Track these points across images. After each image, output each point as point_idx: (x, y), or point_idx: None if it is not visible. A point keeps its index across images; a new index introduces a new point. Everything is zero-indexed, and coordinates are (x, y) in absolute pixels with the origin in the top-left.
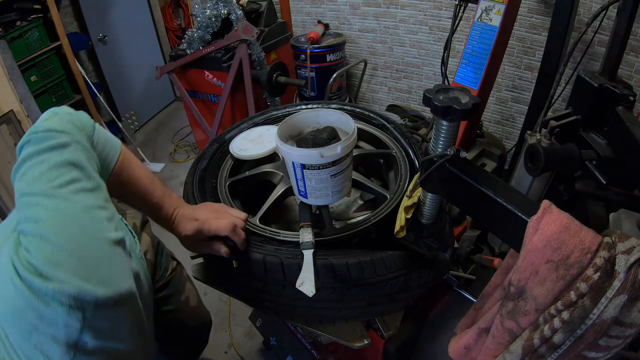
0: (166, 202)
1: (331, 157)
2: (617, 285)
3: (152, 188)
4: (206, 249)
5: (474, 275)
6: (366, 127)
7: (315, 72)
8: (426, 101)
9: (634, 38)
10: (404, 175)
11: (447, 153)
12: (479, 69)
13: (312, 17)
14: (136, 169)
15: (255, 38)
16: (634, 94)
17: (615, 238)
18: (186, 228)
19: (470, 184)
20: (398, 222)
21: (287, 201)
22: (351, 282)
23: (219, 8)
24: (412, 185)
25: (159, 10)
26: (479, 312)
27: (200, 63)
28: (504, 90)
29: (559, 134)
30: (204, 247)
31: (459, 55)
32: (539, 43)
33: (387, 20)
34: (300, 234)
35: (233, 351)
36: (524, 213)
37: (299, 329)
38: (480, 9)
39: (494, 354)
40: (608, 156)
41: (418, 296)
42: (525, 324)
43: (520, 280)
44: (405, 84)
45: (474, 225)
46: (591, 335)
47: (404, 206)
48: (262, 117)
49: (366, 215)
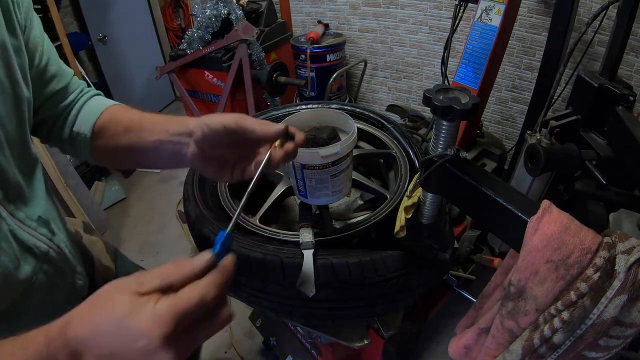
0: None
1: (331, 157)
2: (617, 285)
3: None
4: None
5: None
6: (366, 127)
7: (315, 72)
8: (426, 101)
9: (634, 38)
10: (404, 175)
11: (447, 153)
12: (479, 69)
13: (312, 17)
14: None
15: (255, 38)
16: (634, 94)
17: (615, 238)
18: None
19: (470, 184)
20: (398, 222)
21: (287, 201)
22: (351, 282)
23: (219, 8)
24: (412, 185)
25: (159, 10)
26: (479, 312)
27: (200, 63)
28: (504, 90)
29: (559, 134)
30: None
31: (459, 55)
32: (539, 43)
33: (387, 20)
34: (300, 234)
35: (233, 351)
36: (524, 213)
37: (299, 329)
38: (480, 9)
39: (494, 354)
40: (608, 156)
41: (418, 296)
42: (525, 324)
43: (520, 280)
44: (405, 84)
45: (474, 225)
46: (591, 335)
47: (404, 206)
48: (262, 117)
49: (366, 215)
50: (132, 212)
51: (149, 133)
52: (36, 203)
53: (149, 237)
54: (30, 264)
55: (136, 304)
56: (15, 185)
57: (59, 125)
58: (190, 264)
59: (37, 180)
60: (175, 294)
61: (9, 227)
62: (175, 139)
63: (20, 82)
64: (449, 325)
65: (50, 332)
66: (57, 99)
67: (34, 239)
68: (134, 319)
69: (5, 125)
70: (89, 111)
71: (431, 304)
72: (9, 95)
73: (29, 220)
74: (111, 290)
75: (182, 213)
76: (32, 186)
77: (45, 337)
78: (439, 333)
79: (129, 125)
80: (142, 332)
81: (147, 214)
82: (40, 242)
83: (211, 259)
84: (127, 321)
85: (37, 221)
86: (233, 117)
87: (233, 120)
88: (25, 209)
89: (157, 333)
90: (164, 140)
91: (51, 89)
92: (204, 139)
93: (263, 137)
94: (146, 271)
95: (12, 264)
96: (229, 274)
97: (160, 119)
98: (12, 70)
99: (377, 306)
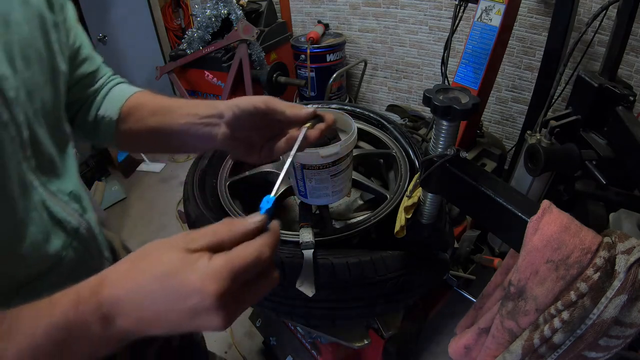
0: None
1: (331, 157)
2: (617, 285)
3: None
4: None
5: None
6: (366, 127)
7: (315, 72)
8: (426, 101)
9: (634, 38)
10: (404, 175)
11: (447, 153)
12: (479, 69)
13: (312, 17)
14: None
15: (255, 38)
16: (634, 94)
17: (615, 238)
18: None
19: (470, 184)
20: (398, 222)
21: (287, 201)
22: (351, 282)
23: (219, 8)
24: (412, 185)
25: (159, 10)
26: (479, 312)
27: (200, 63)
28: (504, 90)
29: (559, 134)
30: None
31: (459, 55)
32: (539, 43)
33: (387, 20)
34: (300, 234)
35: (233, 351)
36: (524, 213)
37: (299, 329)
38: (480, 9)
39: (494, 354)
40: (608, 156)
41: (418, 296)
42: (525, 324)
43: (520, 280)
44: (405, 84)
45: (474, 225)
46: (591, 335)
47: (404, 206)
48: None
49: (366, 215)
50: (132, 212)
51: (178, 115)
52: (68, 178)
53: (149, 237)
54: (61, 238)
55: (187, 260)
56: (48, 156)
57: (84, 109)
58: (243, 223)
59: (70, 157)
60: (229, 251)
61: (41, 198)
62: (205, 121)
63: (57, 55)
64: (449, 325)
65: (80, 292)
66: (86, 82)
67: (65, 213)
68: (185, 274)
69: (41, 94)
70: (115, 95)
71: (431, 304)
72: (46, 66)
73: (61, 194)
74: (155, 247)
75: (182, 213)
76: (65, 161)
77: (75, 297)
78: (439, 333)
79: (156, 108)
80: (194, 289)
81: (147, 214)
82: (71, 217)
83: (263, 220)
84: (177, 277)
85: (69, 195)
86: (262, 98)
87: (262, 102)
88: (58, 182)
89: (212, 289)
90: (194, 122)
91: (82, 72)
92: (235, 120)
93: (293, 118)
94: (195, 229)
95: (41, 235)
96: (278, 236)
97: (188, 103)
98: (50, 41)
99: (377, 306)
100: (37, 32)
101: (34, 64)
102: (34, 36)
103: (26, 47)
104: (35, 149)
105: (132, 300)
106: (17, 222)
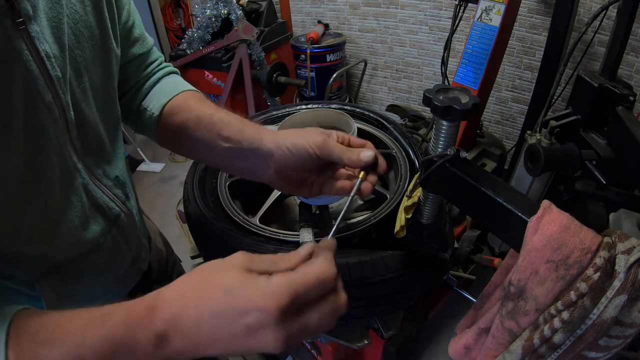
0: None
1: None
2: (617, 285)
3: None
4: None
5: (474, 275)
6: (366, 127)
7: (315, 72)
8: (426, 101)
9: (634, 38)
10: (404, 175)
11: (447, 153)
12: (479, 69)
13: (312, 17)
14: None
15: (255, 38)
16: (634, 94)
17: (615, 238)
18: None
19: (470, 184)
20: (398, 222)
21: (287, 201)
22: (351, 281)
23: (219, 8)
24: (412, 185)
25: (159, 10)
26: (479, 312)
27: (200, 63)
28: (504, 90)
29: (559, 134)
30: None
31: (459, 55)
32: (539, 43)
33: (387, 20)
34: (300, 234)
35: None
36: (524, 213)
37: None
38: (480, 9)
39: (494, 354)
40: (608, 156)
41: (418, 296)
42: (525, 324)
43: (520, 280)
44: (405, 84)
45: (474, 225)
46: (591, 335)
47: (404, 206)
48: (262, 117)
49: (366, 215)
50: None
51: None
52: (115, 162)
53: None
54: (100, 224)
55: (247, 278)
56: (97, 138)
57: (130, 96)
58: (296, 252)
59: (119, 140)
60: (290, 271)
61: (83, 182)
62: (249, 156)
63: (109, 32)
64: (449, 325)
65: (132, 309)
66: (137, 64)
67: (107, 198)
68: (245, 291)
69: (90, 71)
70: (162, 89)
71: (431, 304)
72: (97, 43)
73: (105, 179)
74: (213, 267)
75: (182, 213)
76: (114, 144)
77: (127, 314)
78: (439, 333)
79: (200, 117)
80: (253, 305)
81: (147, 213)
82: (113, 204)
83: (314, 246)
84: (236, 295)
85: (114, 181)
86: (317, 142)
87: (317, 147)
88: (104, 165)
89: (272, 306)
90: (236, 154)
91: (133, 52)
92: (284, 160)
93: (350, 165)
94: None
95: (78, 221)
96: (334, 249)
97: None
98: (102, 17)
99: (377, 306)
100: (89, 7)
101: (84, 40)
102: (86, 11)
103: (77, 23)
104: (81, 131)
105: (190, 319)
106: (53, 205)
